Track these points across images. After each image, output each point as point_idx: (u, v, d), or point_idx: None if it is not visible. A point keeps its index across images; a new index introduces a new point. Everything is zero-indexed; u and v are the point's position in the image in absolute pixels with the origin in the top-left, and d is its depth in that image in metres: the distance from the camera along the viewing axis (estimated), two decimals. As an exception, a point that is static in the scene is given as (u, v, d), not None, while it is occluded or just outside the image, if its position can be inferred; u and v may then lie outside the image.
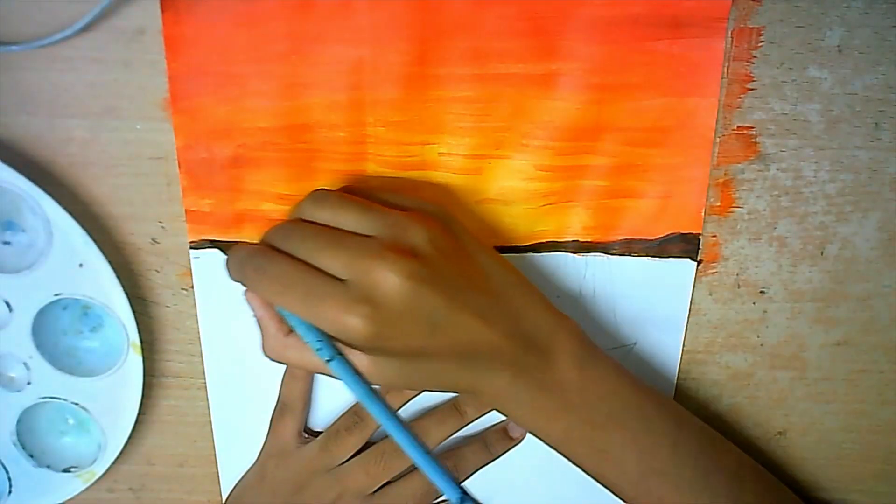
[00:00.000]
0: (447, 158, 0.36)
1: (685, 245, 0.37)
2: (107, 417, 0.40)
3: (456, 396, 0.40)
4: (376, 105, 0.34)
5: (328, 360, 0.31)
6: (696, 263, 0.38)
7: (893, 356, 0.40)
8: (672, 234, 0.37)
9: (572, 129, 0.35)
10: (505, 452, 0.41)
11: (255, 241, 0.34)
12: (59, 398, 0.39)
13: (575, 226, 0.37)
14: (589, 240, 0.37)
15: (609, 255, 0.38)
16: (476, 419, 0.40)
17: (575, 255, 0.38)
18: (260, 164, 0.36)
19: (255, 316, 0.34)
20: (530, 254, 0.38)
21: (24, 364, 0.38)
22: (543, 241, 0.37)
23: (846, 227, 0.37)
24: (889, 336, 0.39)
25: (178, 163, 0.36)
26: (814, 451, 0.42)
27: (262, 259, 0.31)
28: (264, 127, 0.35)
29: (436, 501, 0.41)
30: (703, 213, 0.37)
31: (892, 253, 0.38)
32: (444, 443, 0.40)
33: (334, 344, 0.32)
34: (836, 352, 0.40)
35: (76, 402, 0.39)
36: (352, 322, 0.29)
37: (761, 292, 0.39)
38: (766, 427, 0.42)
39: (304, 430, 0.41)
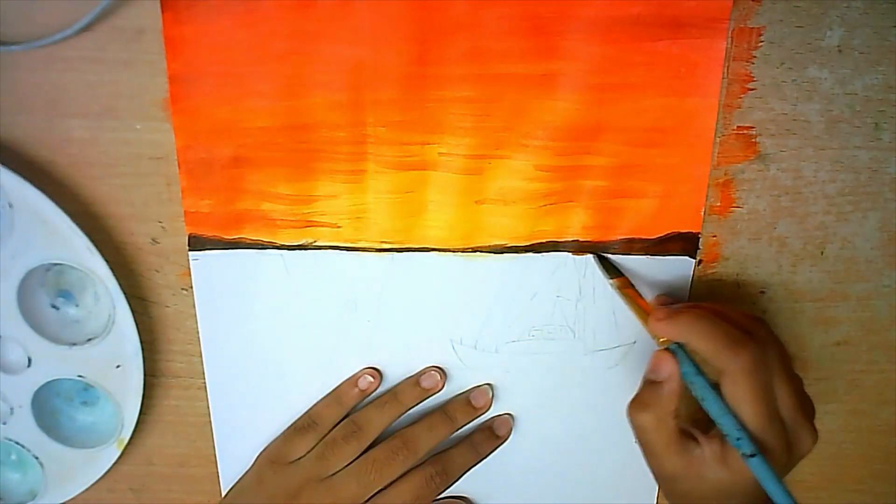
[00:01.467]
0: (447, 158, 0.36)
1: (685, 245, 0.37)
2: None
3: (446, 403, 0.41)
4: (376, 105, 0.34)
5: (749, 456, 0.31)
6: (695, 263, 0.38)
7: (893, 356, 0.40)
8: (672, 233, 0.37)
9: (572, 129, 0.35)
10: (492, 452, 0.41)
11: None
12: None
13: (575, 226, 0.37)
14: (589, 240, 0.37)
15: (609, 255, 0.38)
16: (466, 425, 0.41)
17: (575, 255, 0.38)
18: (260, 164, 0.36)
19: (662, 379, 0.33)
20: (530, 254, 0.38)
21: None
22: (543, 241, 0.37)
23: (846, 227, 0.37)
24: (889, 336, 0.39)
25: (178, 163, 0.36)
26: (814, 451, 0.42)
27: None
28: (264, 127, 0.35)
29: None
30: (703, 213, 0.37)
31: (892, 253, 0.38)
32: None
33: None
34: (836, 352, 0.40)
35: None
36: None
37: (761, 292, 0.39)
38: (766, 427, 0.42)
39: None
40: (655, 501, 0.44)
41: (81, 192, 0.37)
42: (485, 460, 0.41)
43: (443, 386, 0.40)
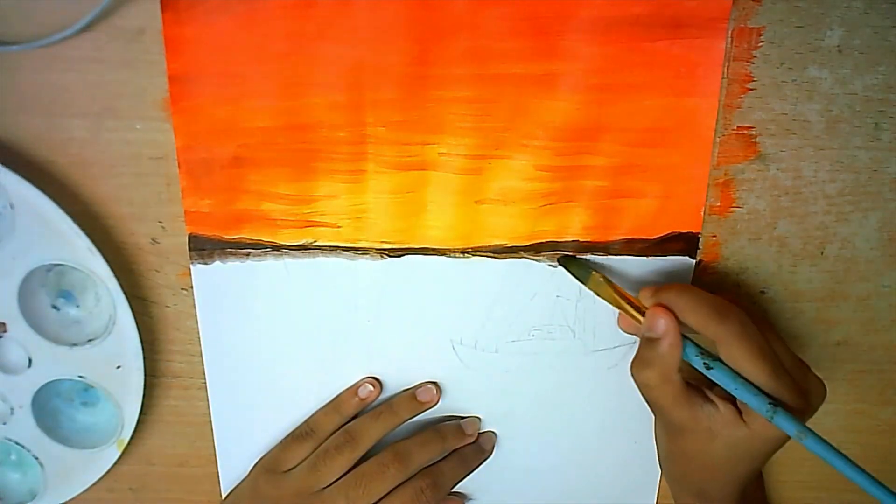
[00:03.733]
0: (447, 158, 0.36)
1: (685, 245, 0.37)
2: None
3: (440, 424, 0.41)
4: (376, 105, 0.34)
5: (772, 414, 0.31)
6: (695, 263, 0.38)
7: (893, 356, 0.40)
8: (672, 233, 0.37)
9: (572, 129, 0.35)
10: (480, 465, 0.42)
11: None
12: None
13: (575, 226, 0.37)
14: (589, 240, 0.37)
15: (609, 255, 0.38)
16: (458, 447, 0.41)
17: (575, 256, 0.38)
18: (260, 164, 0.36)
19: (659, 335, 0.33)
20: (530, 254, 0.38)
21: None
22: (543, 241, 0.37)
23: (846, 227, 0.37)
24: (889, 336, 0.39)
25: (178, 163, 0.36)
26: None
27: None
28: (264, 127, 0.35)
29: None
30: (703, 213, 0.37)
31: (892, 253, 0.38)
32: None
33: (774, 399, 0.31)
34: (836, 352, 0.40)
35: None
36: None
37: (761, 292, 0.39)
38: (766, 427, 0.42)
39: None
40: (655, 501, 0.44)
41: (81, 192, 0.37)
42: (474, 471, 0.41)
43: (438, 401, 0.41)
